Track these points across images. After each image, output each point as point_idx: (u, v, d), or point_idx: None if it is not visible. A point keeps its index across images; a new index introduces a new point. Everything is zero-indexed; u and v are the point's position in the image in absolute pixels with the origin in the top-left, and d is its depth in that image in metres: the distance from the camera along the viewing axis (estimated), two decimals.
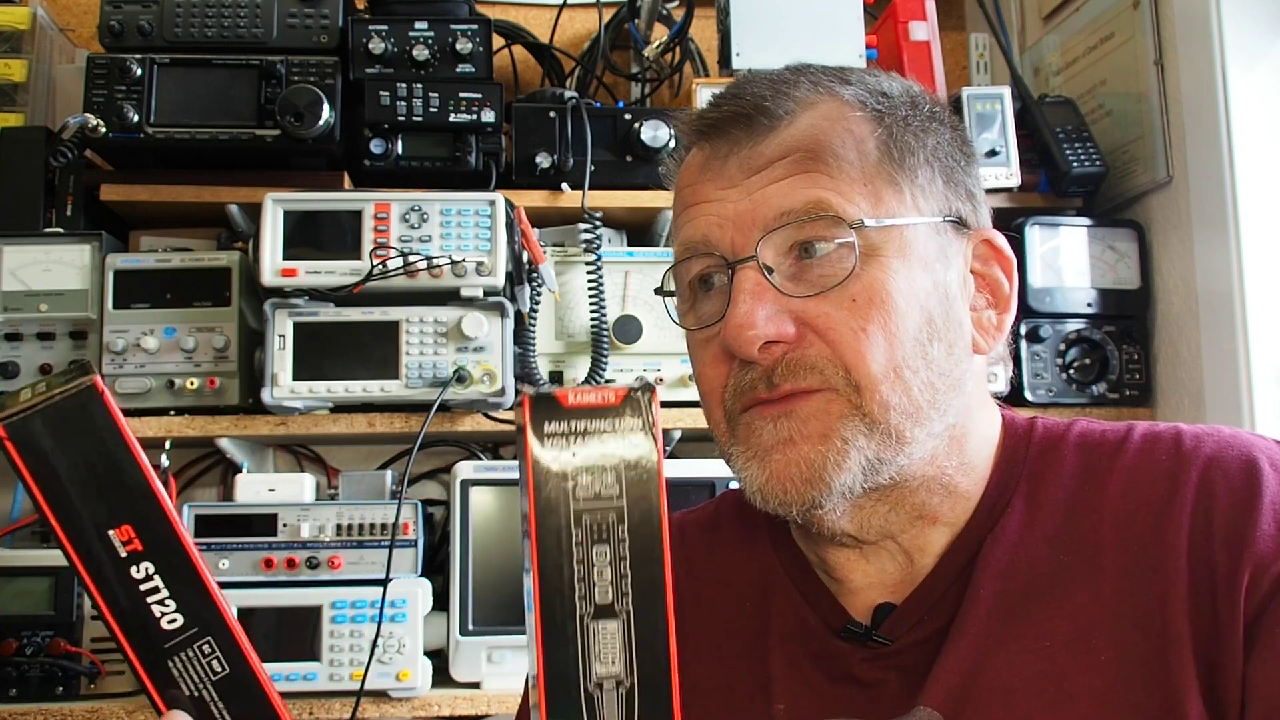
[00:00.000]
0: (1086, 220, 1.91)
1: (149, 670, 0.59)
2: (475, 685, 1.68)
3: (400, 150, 1.77)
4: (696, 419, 1.75)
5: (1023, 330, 1.85)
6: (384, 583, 1.59)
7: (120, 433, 0.57)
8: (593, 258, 1.75)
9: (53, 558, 1.65)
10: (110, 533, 0.58)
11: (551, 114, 1.83)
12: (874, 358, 0.73)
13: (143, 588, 0.58)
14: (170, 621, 0.59)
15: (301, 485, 1.73)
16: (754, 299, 0.74)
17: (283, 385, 1.65)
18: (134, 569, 0.58)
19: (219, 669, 0.59)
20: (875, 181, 0.76)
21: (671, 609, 0.58)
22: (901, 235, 0.76)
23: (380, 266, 1.64)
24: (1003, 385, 1.83)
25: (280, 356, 1.65)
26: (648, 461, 0.58)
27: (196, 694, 0.59)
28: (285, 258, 1.65)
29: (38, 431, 0.57)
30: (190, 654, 0.59)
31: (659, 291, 0.87)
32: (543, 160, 1.80)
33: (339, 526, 1.65)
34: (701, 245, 0.79)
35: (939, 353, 0.76)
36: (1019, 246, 1.85)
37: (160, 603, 0.58)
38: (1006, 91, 1.93)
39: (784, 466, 0.74)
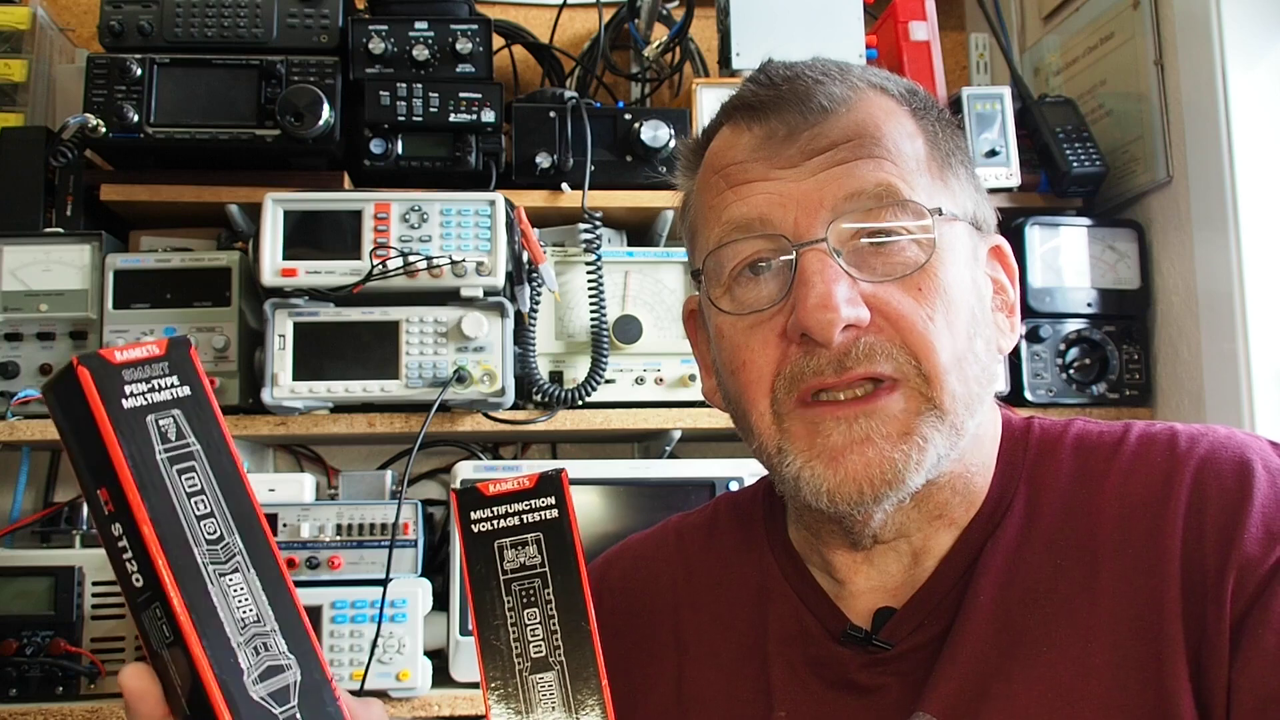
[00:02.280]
0: (1086, 220, 1.91)
1: (132, 614, 0.64)
2: (475, 685, 1.68)
3: (400, 150, 1.77)
4: (696, 419, 1.75)
5: (1023, 330, 1.85)
6: (384, 583, 1.59)
7: (90, 405, 0.61)
8: (593, 258, 1.76)
9: (53, 558, 1.65)
10: (97, 491, 0.63)
11: (551, 114, 1.83)
12: (942, 347, 0.73)
13: (119, 544, 0.62)
14: (137, 580, 0.62)
15: (301, 485, 1.73)
16: (831, 281, 0.72)
17: (283, 385, 1.65)
18: (113, 526, 0.62)
19: (168, 635, 0.62)
20: (928, 175, 0.77)
21: (600, 654, 0.67)
22: (953, 230, 0.77)
23: (380, 266, 1.64)
24: (1003, 385, 1.84)
25: (280, 356, 1.65)
26: (563, 530, 0.68)
27: (159, 651, 0.63)
28: (285, 258, 1.65)
29: (52, 398, 0.64)
30: (151, 614, 0.62)
31: (695, 274, 0.84)
32: (543, 160, 1.80)
33: (339, 526, 1.65)
34: (757, 224, 0.76)
35: (980, 347, 0.77)
36: (1019, 246, 1.85)
37: (129, 560, 0.62)
38: (1006, 91, 1.94)
39: (862, 467, 0.72)
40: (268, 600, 0.63)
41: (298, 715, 0.62)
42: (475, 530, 0.67)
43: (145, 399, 0.63)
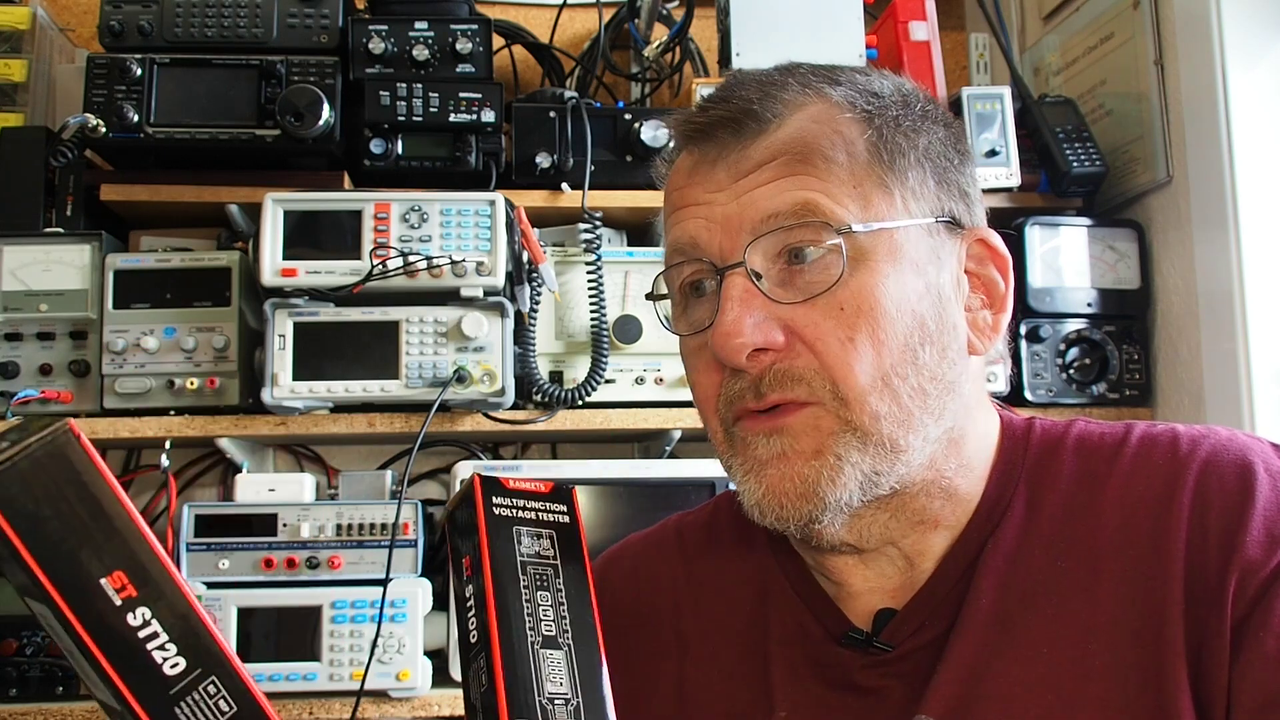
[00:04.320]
0: (1086, 220, 1.91)
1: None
2: None
3: (400, 150, 1.77)
4: (696, 419, 1.75)
5: (1023, 330, 1.85)
6: (384, 583, 1.59)
7: (102, 477, 0.56)
8: (593, 258, 1.75)
9: None
10: (103, 581, 0.56)
11: (551, 114, 1.83)
12: (861, 369, 0.72)
13: (142, 634, 0.56)
14: (173, 666, 0.57)
15: (301, 485, 1.73)
16: (742, 306, 0.73)
17: (283, 385, 1.65)
18: (130, 616, 0.56)
19: (227, 709, 0.58)
20: (865, 184, 0.75)
21: (602, 645, 0.70)
22: (892, 238, 0.75)
23: (380, 266, 1.64)
24: (1003, 385, 1.83)
25: (280, 356, 1.65)
26: (574, 534, 0.73)
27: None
28: (285, 258, 1.65)
29: (17, 485, 0.54)
30: (196, 697, 0.58)
31: (650, 297, 0.86)
32: (543, 160, 1.80)
33: (339, 526, 1.65)
34: (690, 248, 0.78)
35: (930, 357, 0.75)
36: (1019, 246, 1.85)
37: (161, 648, 0.57)
38: (1006, 91, 1.93)
39: (779, 482, 0.74)
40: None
41: None
42: (496, 513, 0.71)
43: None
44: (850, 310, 0.73)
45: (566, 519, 0.73)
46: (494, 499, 0.71)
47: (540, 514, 0.72)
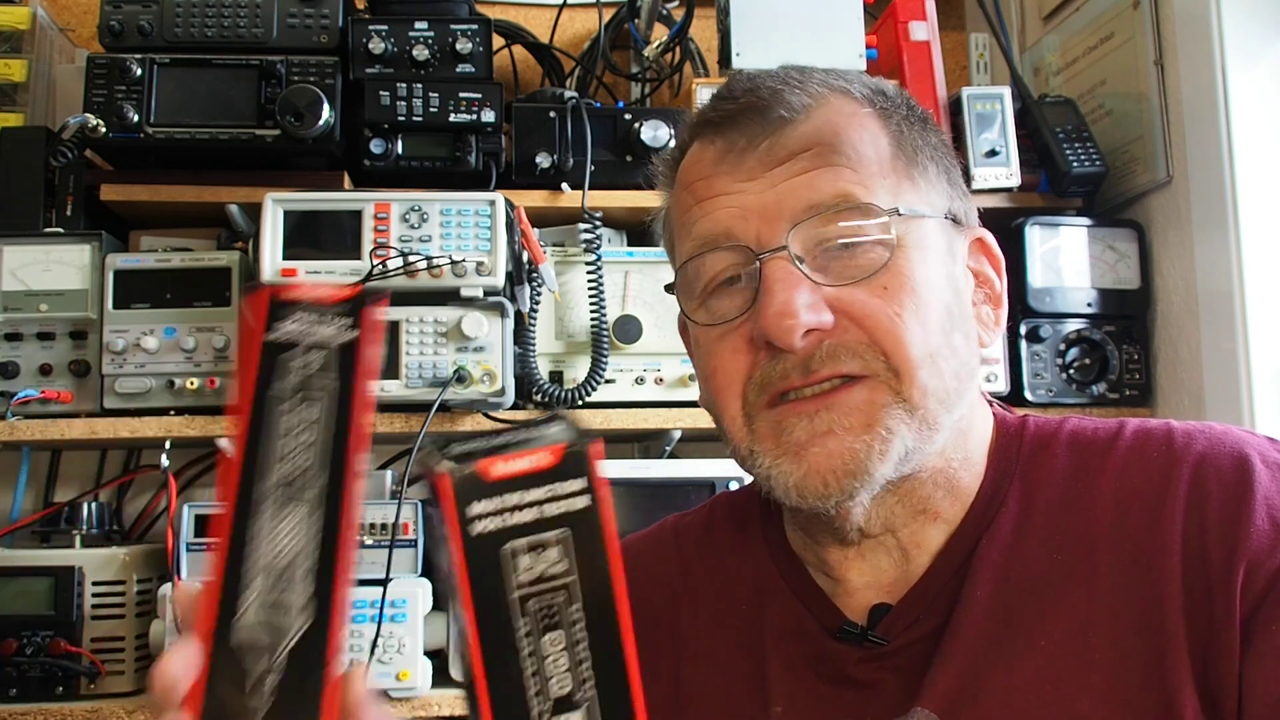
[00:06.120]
0: (1086, 220, 1.91)
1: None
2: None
3: (400, 150, 1.77)
4: (696, 419, 1.75)
5: (1023, 330, 1.85)
6: (384, 583, 1.59)
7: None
8: (593, 258, 1.75)
9: (52, 558, 1.65)
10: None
11: (551, 114, 1.83)
12: (913, 342, 0.74)
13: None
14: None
15: None
16: (791, 288, 0.74)
17: None
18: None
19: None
20: (892, 176, 0.77)
21: (638, 683, 0.52)
22: (921, 228, 0.77)
23: (380, 266, 1.64)
24: (1003, 385, 1.83)
25: None
26: (595, 527, 0.51)
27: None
28: (285, 258, 1.65)
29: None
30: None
31: (669, 288, 0.86)
32: (543, 160, 1.80)
33: None
34: (724, 238, 0.78)
35: (960, 342, 0.77)
36: (1019, 246, 1.85)
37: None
38: (1006, 91, 1.93)
39: (824, 459, 0.74)
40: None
41: None
42: (476, 532, 0.49)
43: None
44: (894, 289, 0.74)
45: (584, 501, 0.50)
46: (471, 509, 0.49)
47: (544, 506, 0.50)
